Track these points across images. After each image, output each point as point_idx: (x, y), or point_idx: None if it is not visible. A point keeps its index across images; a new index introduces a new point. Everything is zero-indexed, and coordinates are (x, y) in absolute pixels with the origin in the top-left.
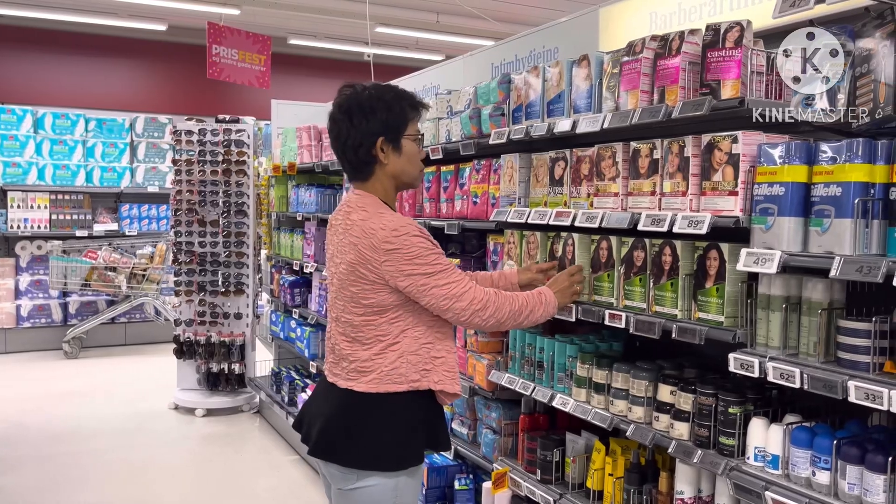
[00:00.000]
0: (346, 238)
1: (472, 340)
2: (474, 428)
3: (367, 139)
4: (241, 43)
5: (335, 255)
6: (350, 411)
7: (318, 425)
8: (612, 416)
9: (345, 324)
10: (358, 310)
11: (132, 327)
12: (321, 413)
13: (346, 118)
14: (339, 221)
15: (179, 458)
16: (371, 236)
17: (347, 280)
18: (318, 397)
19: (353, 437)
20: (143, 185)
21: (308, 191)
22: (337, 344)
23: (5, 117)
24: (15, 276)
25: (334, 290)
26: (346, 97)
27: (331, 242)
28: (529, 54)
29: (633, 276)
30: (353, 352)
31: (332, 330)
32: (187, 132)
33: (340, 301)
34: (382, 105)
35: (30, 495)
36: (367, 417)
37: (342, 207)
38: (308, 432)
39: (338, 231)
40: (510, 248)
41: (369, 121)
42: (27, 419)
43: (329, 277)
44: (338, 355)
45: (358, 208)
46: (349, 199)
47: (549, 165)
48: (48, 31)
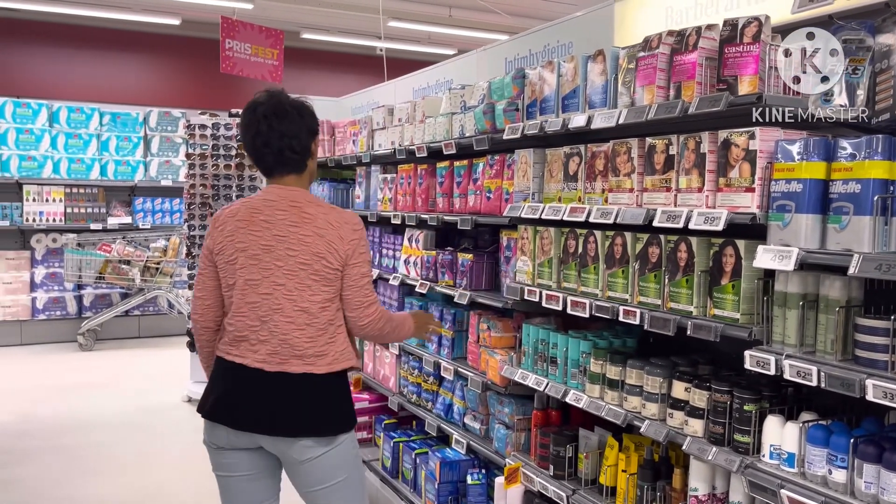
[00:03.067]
0: (307, 226)
1: (484, 336)
2: (487, 423)
3: (310, 135)
4: (254, 37)
5: (275, 247)
6: (315, 391)
7: (282, 410)
8: (625, 413)
9: (298, 312)
10: (316, 297)
11: (146, 320)
12: (278, 400)
13: (296, 113)
14: (287, 215)
15: (189, 451)
16: (339, 227)
17: (309, 268)
18: (257, 389)
19: (323, 412)
20: (157, 179)
21: (321, 185)
22: (286, 334)
23: (21, 111)
24: (30, 269)
25: (274, 284)
26: (287, 97)
27: (262, 235)
28: (543, 49)
29: (647, 272)
30: (308, 338)
31: (270, 324)
32: (201, 126)
33: (291, 291)
34: (312, 109)
35: (44, 486)
36: (331, 393)
37: (280, 201)
38: (267, 421)
39: (284, 220)
40: (523, 243)
41: (312, 119)
42: (42, 411)
43: (257, 274)
44: (289, 346)
45: (307, 202)
46: (287, 194)
47: (564, 161)
48: (63, 26)
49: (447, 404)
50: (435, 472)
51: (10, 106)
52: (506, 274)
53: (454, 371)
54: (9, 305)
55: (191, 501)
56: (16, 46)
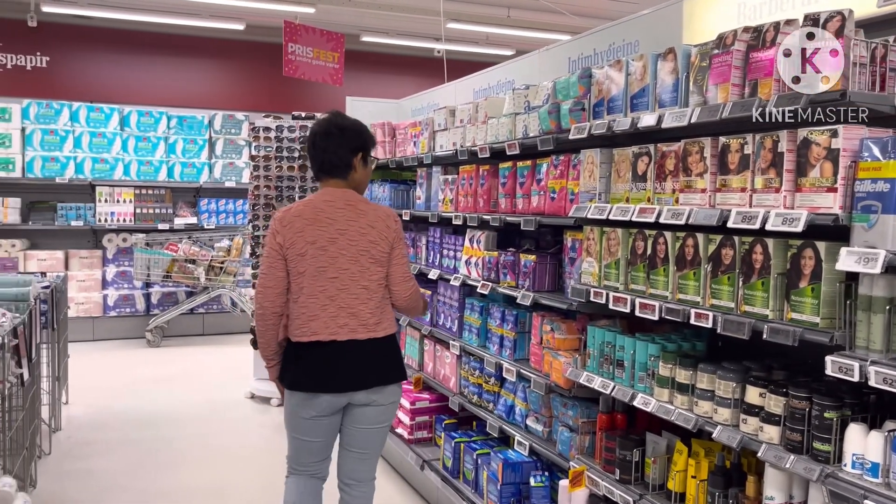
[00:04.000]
0: (366, 220)
1: (548, 338)
2: (550, 425)
3: (351, 152)
4: (315, 41)
5: (340, 239)
6: (381, 350)
7: (376, 366)
8: (696, 418)
9: (361, 289)
10: (374, 277)
11: (210, 318)
12: (370, 360)
13: (339, 134)
14: (344, 213)
15: (253, 446)
16: (385, 220)
17: (367, 254)
18: (351, 358)
19: (390, 364)
20: (221, 181)
21: (382, 186)
22: (353, 308)
23: (94, 115)
24: (102, 268)
25: (340, 269)
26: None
27: (327, 230)
28: (609, 48)
29: (720, 274)
30: (370, 311)
31: (339, 302)
32: (265, 129)
33: (354, 273)
34: (357, 130)
35: (117, 478)
36: (392, 350)
37: (336, 202)
38: (359, 380)
39: (342, 217)
40: (589, 244)
41: (355, 138)
42: (115, 405)
43: (325, 262)
44: (355, 317)
45: (358, 202)
46: (341, 195)
47: (632, 161)
48: (134, 33)
49: (509, 406)
50: (497, 473)
51: (84, 111)
52: (570, 275)
53: (516, 373)
54: (82, 302)
55: (254, 496)
56: (90, 53)
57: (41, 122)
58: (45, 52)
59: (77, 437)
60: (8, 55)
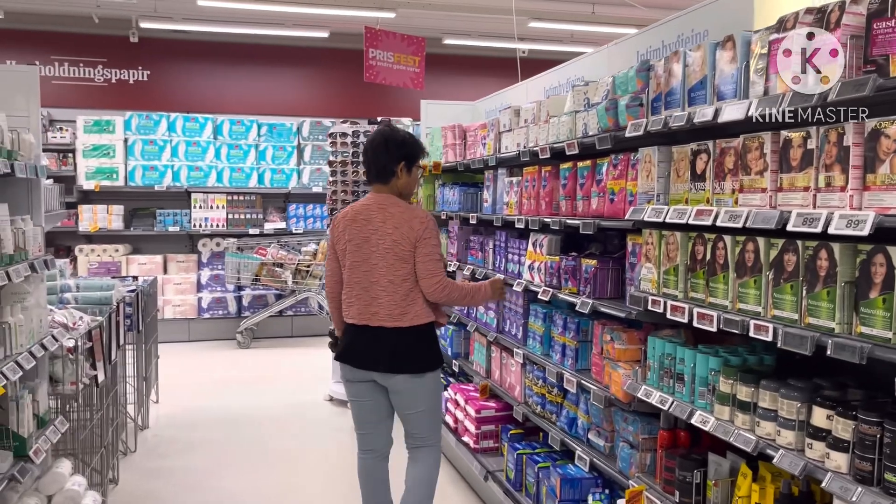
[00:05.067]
0: (394, 222)
1: (608, 347)
2: (611, 440)
3: (395, 161)
4: (396, 45)
5: (373, 237)
6: (404, 340)
7: (390, 354)
8: (756, 440)
9: (388, 283)
10: (399, 272)
11: (298, 320)
12: (387, 347)
13: (385, 145)
14: (377, 214)
15: (328, 449)
16: (410, 221)
17: (393, 251)
18: (372, 341)
19: (411, 355)
20: (309, 186)
21: (452, 189)
22: (380, 299)
23: (190, 125)
24: (197, 271)
25: (371, 265)
26: (386, 133)
27: (362, 230)
28: (677, 39)
29: (783, 282)
30: (394, 302)
31: (370, 294)
32: (342, 134)
33: (385, 269)
34: (404, 142)
35: (197, 476)
36: (416, 341)
37: (372, 205)
38: (372, 361)
39: (376, 219)
40: (648, 249)
41: (400, 149)
42: (202, 404)
43: (359, 258)
44: (383, 308)
45: (390, 205)
46: (377, 199)
47: (691, 159)
48: (225, 45)
49: (571, 418)
50: (556, 488)
51: (181, 121)
52: (631, 282)
53: (577, 383)
54: (178, 304)
55: (328, 497)
56: (186, 66)
57: (141, 133)
58: (146, 65)
59: (162, 436)
60: (112, 70)
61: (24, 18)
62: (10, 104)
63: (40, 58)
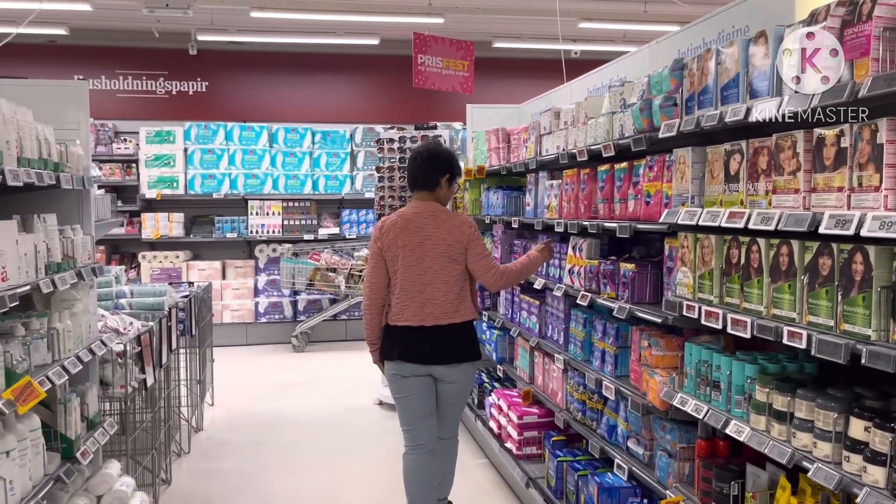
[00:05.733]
0: (445, 228)
1: (645, 354)
2: (651, 449)
3: (437, 172)
4: (444, 50)
5: (426, 242)
6: (457, 334)
7: (445, 348)
8: (792, 451)
9: (442, 283)
10: (453, 273)
11: (352, 324)
12: (442, 342)
13: (427, 158)
14: (428, 221)
15: (376, 453)
16: (460, 227)
17: (446, 255)
18: (428, 339)
19: (463, 347)
20: (361, 192)
21: (496, 193)
22: (436, 300)
23: (246, 134)
24: (254, 276)
25: (425, 268)
26: (429, 148)
27: (415, 236)
28: (718, 36)
29: (818, 287)
30: (449, 301)
31: (425, 295)
32: (389, 140)
33: (437, 271)
34: (443, 157)
35: (246, 478)
36: (466, 335)
37: (422, 213)
38: (428, 356)
39: (428, 225)
40: (684, 252)
41: (439, 162)
42: (254, 407)
43: (413, 262)
44: (438, 307)
45: (439, 212)
46: (426, 207)
47: (725, 159)
48: (279, 54)
49: (611, 425)
50: (593, 497)
51: (237, 130)
52: (668, 286)
53: (615, 390)
54: (237, 309)
55: (373, 501)
56: (242, 76)
57: (200, 143)
58: (205, 77)
59: (215, 438)
60: (173, 82)
61: (89, 35)
62: (60, 117)
63: (106, 72)
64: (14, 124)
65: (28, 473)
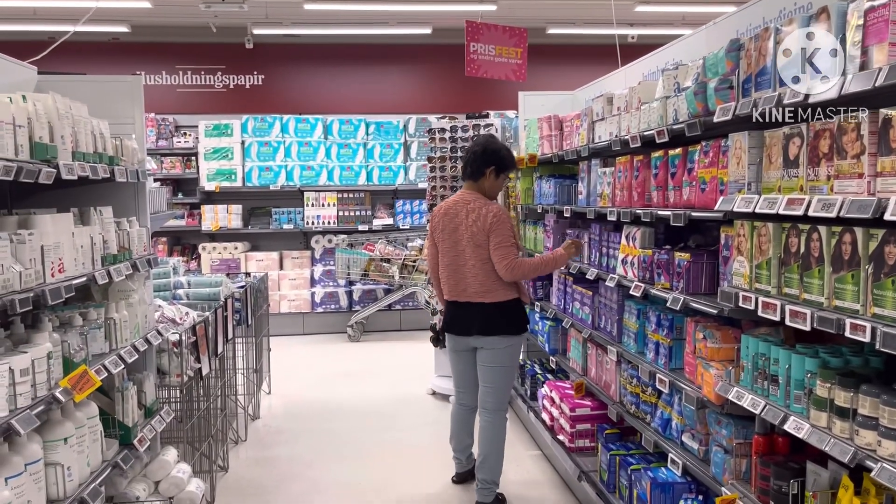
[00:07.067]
0: (473, 216)
1: (700, 346)
2: (706, 443)
3: (484, 164)
4: (497, 38)
5: (459, 227)
6: (488, 312)
7: (479, 322)
8: (855, 449)
9: (472, 266)
10: (481, 257)
11: (406, 314)
12: (476, 317)
13: (479, 153)
14: (462, 209)
15: (427, 443)
16: (486, 215)
17: (477, 240)
18: (464, 313)
19: (495, 323)
20: (415, 182)
21: (548, 182)
22: (467, 279)
23: (301, 126)
24: (311, 267)
25: (459, 250)
26: (482, 142)
27: (451, 221)
28: (779, 15)
29: (883, 277)
30: (479, 282)
31: (459, 274)
32: (440, 130)
33: (470, 254)
34: (492, 150)
35: (300, 466)
36: (499, 313)
37: (460, 201)
38: (466, 329)
39: (462, 213)
40: (740, 241)
41: (487, 156)
42: (310, 396)
43: (450, 245)
44: (470, 286)
45: (473, 201)
46: (464, 196)
47: (783, 143)
48: (333, 46)
49: (665, 419)
50: (646, 493)
51: (293, 122)
52: (724, 276)
53: (669, 383)
54: (293, 299)
55: (422, 492)
56: (297, 69)
57: (257, 136)
58: (261, 70)
59: (271, 426)
60: (230, 76)
61: (150, 31)
62: (116, 112)
63: (167, 68)
64: (69, 119)
65: (86, 459)
